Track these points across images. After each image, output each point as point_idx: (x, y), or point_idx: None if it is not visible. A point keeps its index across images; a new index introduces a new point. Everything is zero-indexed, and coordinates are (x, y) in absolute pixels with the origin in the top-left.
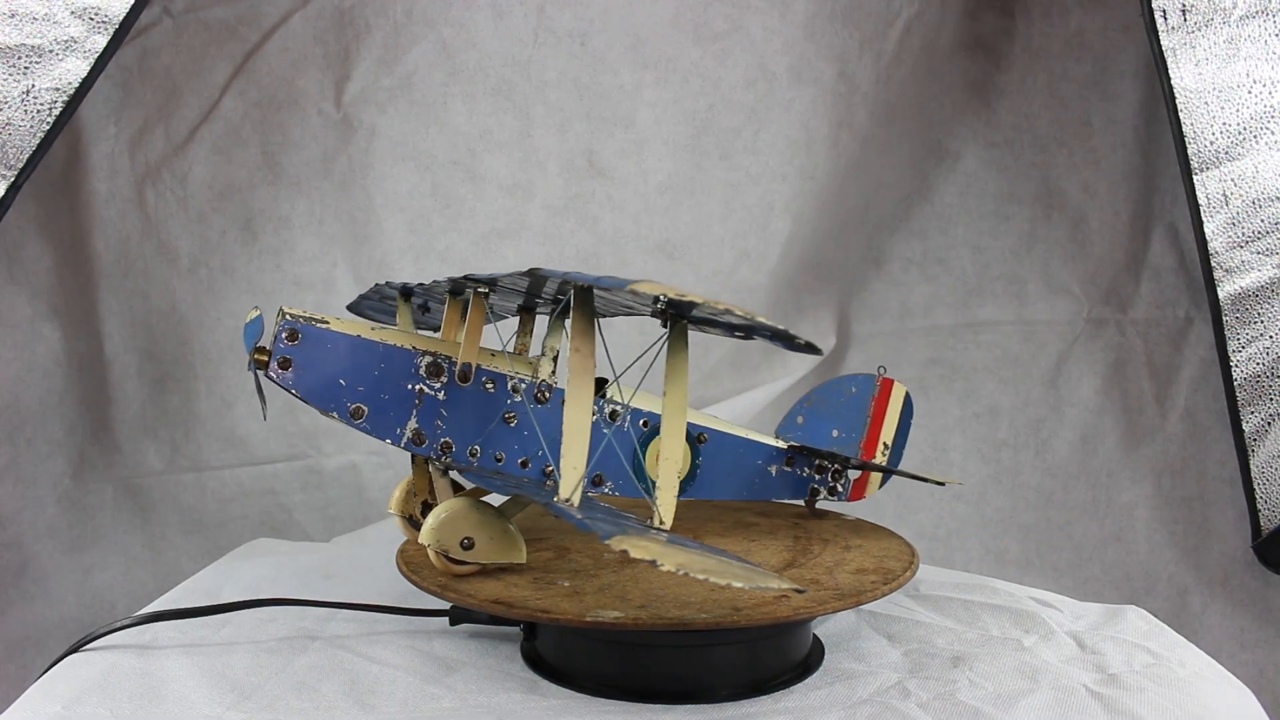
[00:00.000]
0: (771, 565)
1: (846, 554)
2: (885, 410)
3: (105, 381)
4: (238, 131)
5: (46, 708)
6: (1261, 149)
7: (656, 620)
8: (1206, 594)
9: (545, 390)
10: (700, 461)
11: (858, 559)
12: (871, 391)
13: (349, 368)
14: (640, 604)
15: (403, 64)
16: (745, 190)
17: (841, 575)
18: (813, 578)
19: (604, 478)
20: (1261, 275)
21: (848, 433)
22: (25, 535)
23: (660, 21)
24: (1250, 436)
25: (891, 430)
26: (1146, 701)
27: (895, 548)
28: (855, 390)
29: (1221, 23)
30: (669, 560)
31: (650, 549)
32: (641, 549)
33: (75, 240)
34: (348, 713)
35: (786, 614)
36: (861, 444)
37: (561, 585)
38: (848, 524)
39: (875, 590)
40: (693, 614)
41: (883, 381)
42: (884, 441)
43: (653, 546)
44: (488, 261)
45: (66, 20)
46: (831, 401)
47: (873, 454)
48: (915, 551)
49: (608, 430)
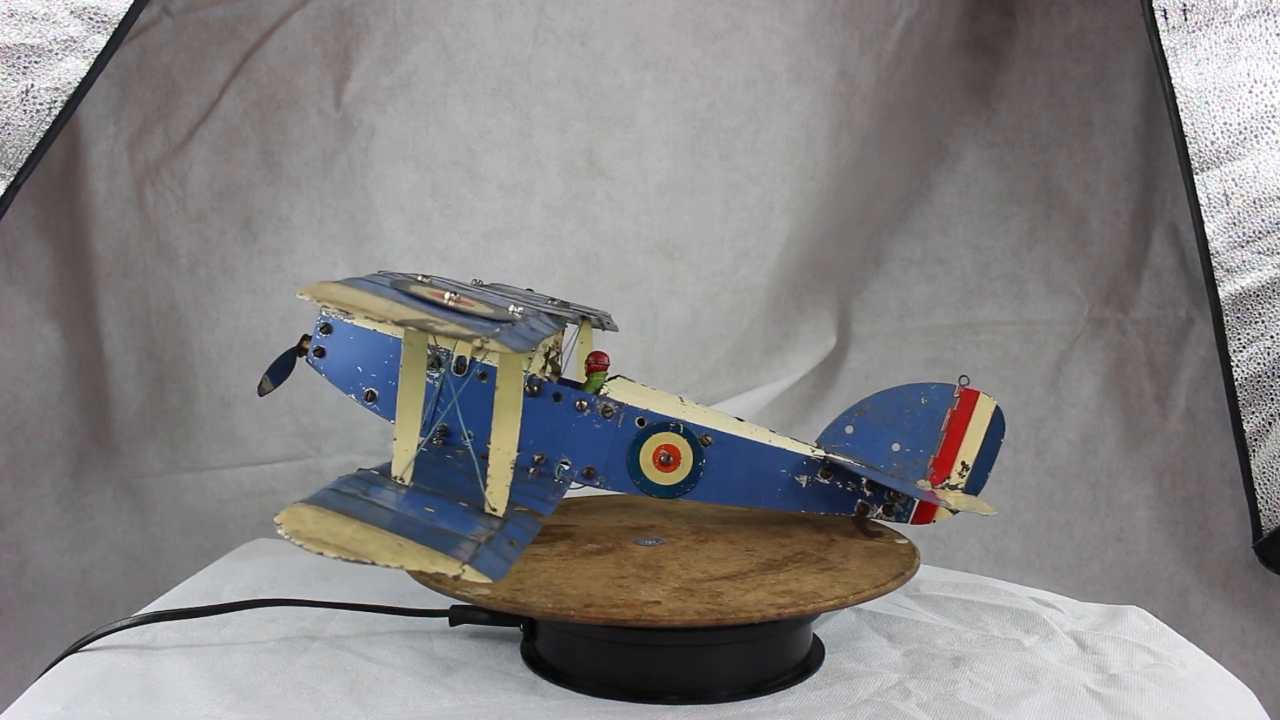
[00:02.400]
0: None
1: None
2: (967, 426)
3: (105, 381)
4: (237, 131)
5: (46, 708)
6: (1262, 149)
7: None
8: (1207, 594)
9: (535, 385)
10: (704, 464)
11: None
12: (949, 404)
13: (366, 356)
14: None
15: (403, 64)
16: (745, 190)
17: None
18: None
19: (595, 471)
20: (1262, 275)
21: (914, 448)
22: (25, 535)
23: (660, 21)
24: (1251, 436)
25: (974, 449)
26: (1147, 702)
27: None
28: (926, 401)
29: (1222, 22)
30: (307, 538)
31: (299, 522)
32: (294, 519)
33: (75, 240)
34: (347, 713)
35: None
36: (932, 462)
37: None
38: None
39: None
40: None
41: (964, 393)
42: (963, 461)
43: (306, 521)
44: (488, 261)
45: (66, 20)
46: (892, 411)
47: (946, 474)
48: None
49: (599, 426)
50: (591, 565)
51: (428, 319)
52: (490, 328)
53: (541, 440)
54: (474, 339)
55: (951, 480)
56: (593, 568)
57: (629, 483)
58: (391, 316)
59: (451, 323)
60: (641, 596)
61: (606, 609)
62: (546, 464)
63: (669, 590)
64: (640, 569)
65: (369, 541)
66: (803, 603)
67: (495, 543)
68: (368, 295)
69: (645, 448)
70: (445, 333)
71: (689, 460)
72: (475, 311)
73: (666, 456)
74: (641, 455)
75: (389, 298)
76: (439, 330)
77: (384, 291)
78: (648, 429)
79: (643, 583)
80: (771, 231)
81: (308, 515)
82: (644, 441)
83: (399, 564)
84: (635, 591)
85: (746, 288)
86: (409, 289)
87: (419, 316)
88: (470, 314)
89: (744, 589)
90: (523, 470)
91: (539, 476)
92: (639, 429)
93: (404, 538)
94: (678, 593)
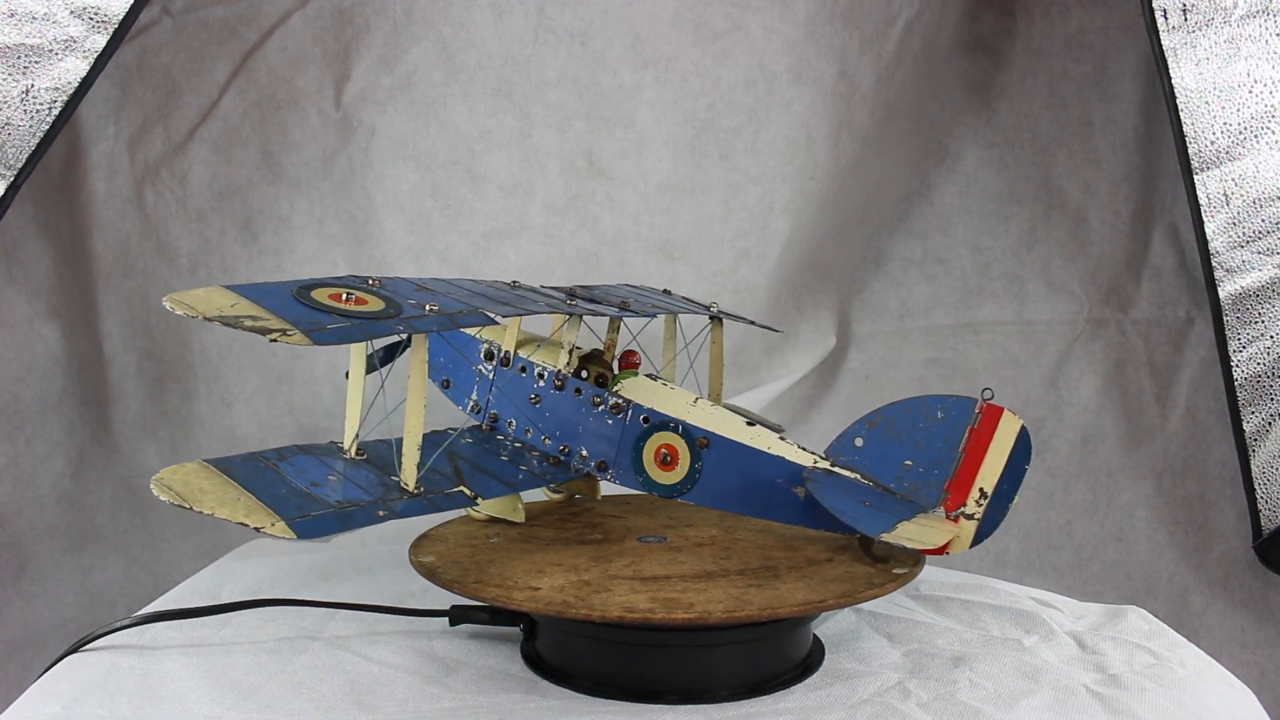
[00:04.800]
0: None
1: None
2: (987, 447)
3: (104, 381)
4: (237, 131)
5: (46, 708)
6: (1262, 149)
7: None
8: (1207, 594)
9: (560, 379)
10: (699, 466)
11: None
12: (968, 420)
13: (443, 349)
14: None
15: (403, 64)
16: (745, 190)
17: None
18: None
19: (607, 465)
20: (1262, 275)
21: (928, 467)
22: (25, 535)
23: (660, 21)
24: (1251, 436)
25: (994, 474)
26: (1147, 702)
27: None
28: (943, 415)
29: (1222, 22)
30: (163, 484)
31: (177, 471)
32: (174, 470)
33: (75, 240)
34: (347, 713)
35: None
36: (947, 486)
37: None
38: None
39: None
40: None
41: (986, 409)
42: (980, 487)
43: (182, 472)
44: (488, 261)
45: (66, 20)
46: (905, 425)
47: (963, 499)
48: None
49: (610, 422)
50: (567, 551)
51: (229, 316)
52: (320, 320)
53: (566, 432)
54: (269, 332)
55: (968, 508)
56: (566, 554)
57: (634, 479)
58: (202, 313)
59: (257, 319)
60: (544, 581)
61: (510, 590)
62: (568, 454)
63: (602, 578)
64: (606, 561)
65: (210, 493)
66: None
67: (361, 511)
68: (204, 295)
69: (648, 446)
70: (248, 327)
71: (686, 461)
72: (359, 311)
73: (666, 456)
74: (644, 453)
75: (237, 298)
76: (244, 326)
77: (254, 294)
78: (650, 427)
79: (601, 570)
80: (771, 231)
81: (190, 468)
82: (647, 439)
83: (212, 511)
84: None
85: (746, 288)
86: (307, 294)
87: (227, 314)
88: (352, 314)
89: (694, 590)
90: (545, 456)
91: (556, 464)
92: (643, 427)
93: (249, 494)
94: (607, 580)
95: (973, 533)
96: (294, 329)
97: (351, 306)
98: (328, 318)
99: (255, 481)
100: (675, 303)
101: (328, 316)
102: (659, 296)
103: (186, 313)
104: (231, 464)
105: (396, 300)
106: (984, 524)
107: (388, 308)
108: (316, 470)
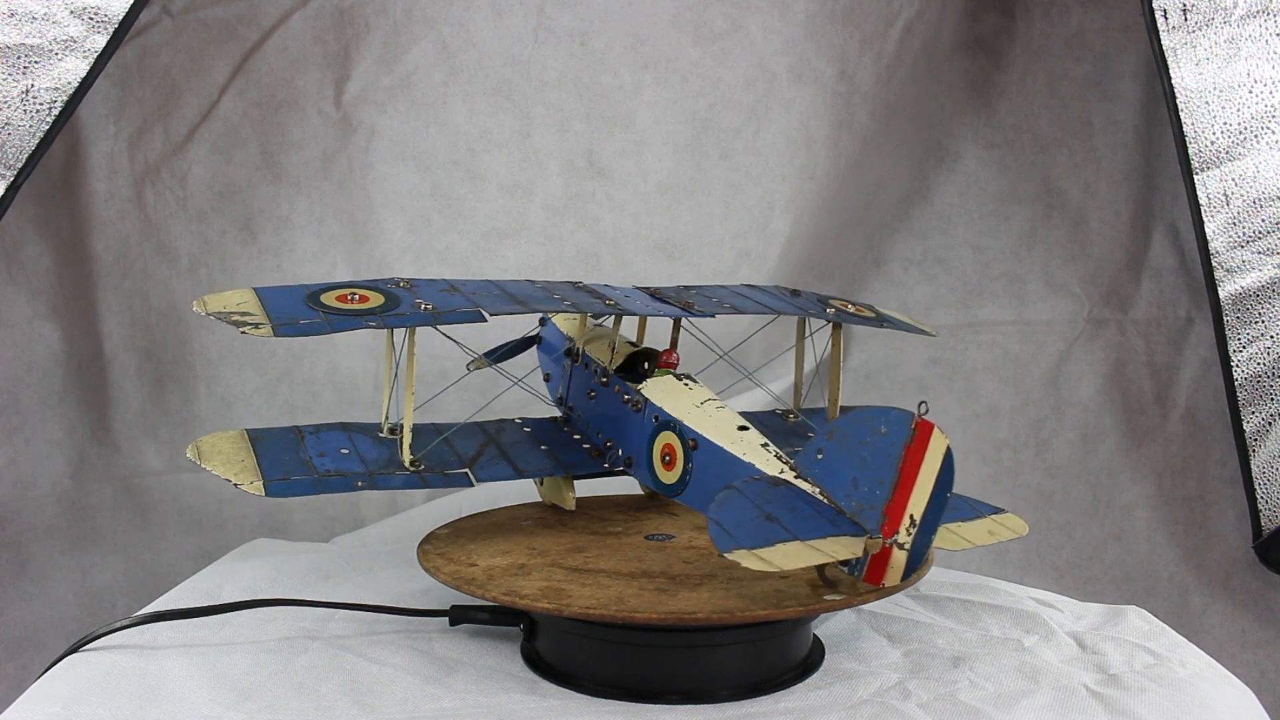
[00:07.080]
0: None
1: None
2: (919, 469)
3: (105, 381)
4: (237, 131)
5: (46, 708)
6: (1262, 149)
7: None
8: (1207, 594)
9: (604, 375)
10: (690, 468)
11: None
12: (904, 437)
13: (549, 345)
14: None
15: (402, 64)
16: (745, 190)
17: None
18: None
19: (633, 461)
20: (1262, 275)
21: (870, 486)
22: (25, 535)
23: (660, 21)
24: (1251, 437)
25: (923, 499)
26: (1147, 702)
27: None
28: (886, 430)
29: (1222, 22)
30: (195, 450)
31: (216, 437)
32: (202, 441)
33: (75, 240)
34: (347, 713)
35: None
36: (885, 509)
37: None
38: None
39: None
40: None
41: (919, 425)
42: (911, 514)
43: (214, 437)
44: (488, 261)
45: (66, 20)
46: (854, 439)
47: (896, 528)
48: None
49: (634, 418)
50: (565, 536)
51: (222, 312)
52: (291, 313)
53: (605, 427)
54: (242, 325)
55: (899, 537)
56: (564, 539)
57: (648, 477)
58: (207, 309)
59: (248, 319)
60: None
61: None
62: (610, 448)
63: (594, 570)
64: (609, 558)
65: (223, 454)
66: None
67: (342, 480)
68: (229, 296)
69: (655, 444)
70: (232, 321)
71: (680, 462)
72: (357, 309)
73: (666, 455)
74: (652, 451)
75: (254, 301)
76: (229, 322)
77: (271, 295)
78: (659, 426)
79: (601, 569)
80: (771, 231)
81: (228, 435)
82: (655, 438)
83: (212, 468)
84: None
85: None
86: (318, 298)
87: (222, 311)
88: (348, 312)
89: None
90: (594, 449)
91: (597, 455)
92: (654, 425)
93: (255, 458)
94: (594, 574)
95: (903, 565)
96: (265, 323)
97: (355, 305)
98: (311, 314)
99: (270, 449)
100: (786, 303)
101: (313, 314)
102: (785, 297)
103: (199, 309)
104: (263, 434)
105: (396, 295)
106: (911, 555)
107: (383, 305)
108: (335, 443)
